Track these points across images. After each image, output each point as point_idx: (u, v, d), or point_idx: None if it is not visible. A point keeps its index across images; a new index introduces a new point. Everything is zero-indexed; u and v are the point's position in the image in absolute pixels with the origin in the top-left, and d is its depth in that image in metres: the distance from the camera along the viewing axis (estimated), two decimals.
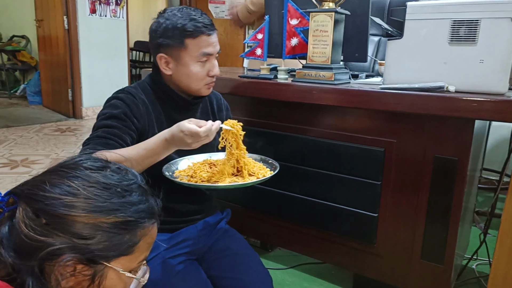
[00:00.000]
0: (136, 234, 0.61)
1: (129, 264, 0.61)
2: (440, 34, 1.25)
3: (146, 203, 0.63)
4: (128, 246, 0.60)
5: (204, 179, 1.09)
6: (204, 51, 1.16)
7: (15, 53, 6.25)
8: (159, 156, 1.02)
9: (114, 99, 1.15)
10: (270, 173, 1.14)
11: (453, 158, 1.29)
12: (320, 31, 1.44)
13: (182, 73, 1.17)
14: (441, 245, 1.35)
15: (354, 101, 1.36)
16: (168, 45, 1.15)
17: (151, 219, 0.64)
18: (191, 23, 1.13)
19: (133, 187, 0.63)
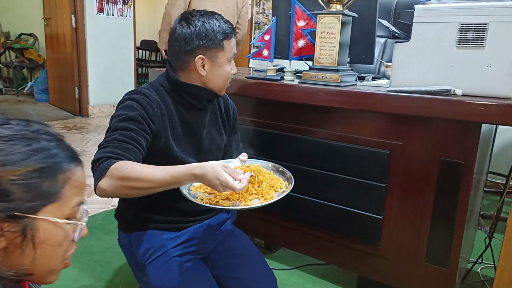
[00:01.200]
0: (57, 180, 0.58)
1: (60, 211, 0.59)
2: (447, 37, 1.25)
3: (59, 148, 0.60)
4: (51, 194, 0.57)
5: (224, 197, 1.06)
6: (234, 51, 1.23)
7: (22, 50, 6.31)
8: (181, 184, 1.01)
9: (129, 100, 1.15)
10: (285, 184, 1.11)
11: (459, 161, 1.29)
12: (327, 33, 1.44)
13: (217, 74, 1.21)
14: (446, 248, 1.35)
15: (360, 103, 1.36)
16: (208, 47, 1.18)
17: (71, 162, 0.61)
18: (226, 26, 1.20)
19: (40, 135, 0.60)
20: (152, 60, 8.19)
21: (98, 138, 3.88)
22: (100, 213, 2.26)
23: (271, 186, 1.08)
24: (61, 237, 0.60)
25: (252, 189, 1.07)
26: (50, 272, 0.61)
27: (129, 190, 1.00)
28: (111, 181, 1.01)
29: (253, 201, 1.04)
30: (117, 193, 1.03)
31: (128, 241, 1.27)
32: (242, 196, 1.05)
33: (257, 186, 1.07)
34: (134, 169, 0.99)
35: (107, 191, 1.02)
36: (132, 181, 0.98)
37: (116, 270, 1.71)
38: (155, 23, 9.11)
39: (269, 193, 1.06)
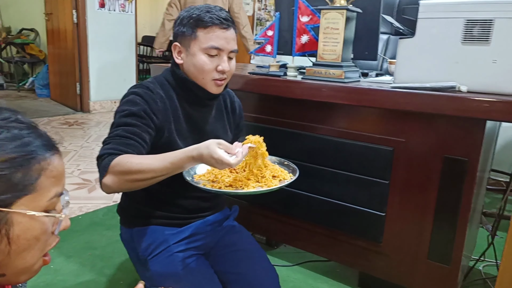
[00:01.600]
0: (31, 170, 0.54)
1: (37, 204, 0.55)
2: (452, 33, 1.24)
3: (32, 136, 0.56)
4: (25, 185, 0.53)
5: (227, 184, 1.06)
6: (213, 44, 1.14)
7: (24, 46, 6.30)
8: (183, 169, 1.02)
9: (132, 95, 1.14)
10: (290, 176, 1.12)
11: (463, 158, 1.28)
12: (331, 29, 1.43)
13: (190, 63, 1.17)
14: (448, 245, 1.34)
15: (364, 99, 1.35)
16: (182, 34, 1.16)
17: (46, 151, 0.57)
18: (205, 14, 1.14)
19: (10, 122, 0.56)
20: (154, 56, 8.16)
21: (99, 134, 3.88)
22: (101, 209, 2.26)
23: (274, 176, 1.10)
24: (38, 231, 0.56)
25: (255, 178, 1.08)
26: (25, 269, 0.57)
27: (133, 183, 1.01)
28: (114, 177, 1.01)
29: (256, 188, 1.05)
30: (122, 188, 1.04)
31: (130, 236, 1.27)
32: (245, 183, 1.06)
33: (261, 176, 1.08)
34: (134, 162, 0.99)
35: (112, 187, 1.02)
36: (134, 174, 0.99)
37: (118, 265, 1.71)
38: (156, 19, 9.08)
39: (273, 181, 1.07)
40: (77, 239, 1.91)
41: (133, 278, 1.62)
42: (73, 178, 2.72)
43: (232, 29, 1.17)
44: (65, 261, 1.72)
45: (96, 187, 2.59)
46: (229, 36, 1.16)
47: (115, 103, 5.05)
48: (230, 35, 1.17)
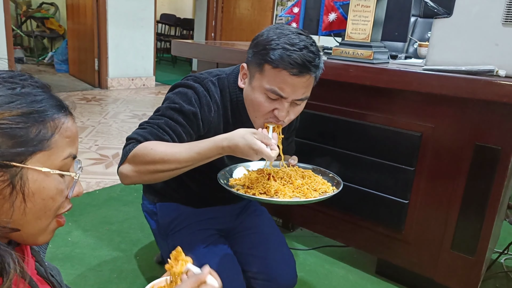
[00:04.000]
0: (46, 127, 0.54)
1: (51, 162, 0.54)
2: (493, 13, 1.17)
3: (45, 95, 0.56)
4: (40, 141, 0.53)
5: (262, 191, 0.99)
6: (275, 88, 0.96)
7: (43, 20, 6.32)
8: (209, 159, 0.94)
9: (191, 90, 1.04)
10: (333, 189, 1.04)
11: (496, 147, 1.22)
12: (361, 6, 1.37)
13: (248, 95, 1.03)
14: (474, 236, 1.30)
15: (394, 81, 1.29)
16: (251, 60, 1.01)
17: (59, 111, 0.56)
18: (281, 51, 0.93)
19: (25, 80, 0.55)
20: (172, 34, 8.12)
21: (116, 111, 3.88)
22: (119, 184, 2.27)
23: (314, 190, 1.02)
24: (53, 190, 0.55)
25: (292, 187, 1.01)
26: (42, 230, 0.57)
27: (153, 175, 0.95)
28: (133, 166, 0.95)
29: (293, 198, 0.97)
30: (142, 179, 0.97)
31: (153, 209, 1.26)
32: (281, 191, 0.99)
33: (296, 187, 1.01)
34: (158, 150, 0.93)
35: (129, 176, 0.97)
36: (157, 163, 0.93)
37: (134, 241, 1.72)
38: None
39: (311, 192, 1.00)
40: (94, 213, 1.92)
41: (149, 254, 1.63)
42: (90, 153, 2.74)
43: (309, 75, 0.96)
44: (83, 235, 1.73)
45: (114, 162, 2.60)
46: (299, 84, 0.96)
47: (132, 80, 5.04)
48: (302, 83, 0.96)
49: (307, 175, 1.07)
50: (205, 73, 1.10)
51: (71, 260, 1.56)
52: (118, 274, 1.50)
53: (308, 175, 1.07)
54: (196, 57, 1.93)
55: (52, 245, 1.62)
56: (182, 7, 8.99)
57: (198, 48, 1.89)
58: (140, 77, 5.13)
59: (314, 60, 0.95)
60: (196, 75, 1.09)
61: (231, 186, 1.03)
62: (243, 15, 5.78)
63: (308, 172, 1.09)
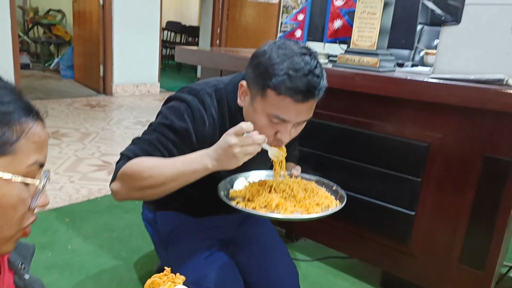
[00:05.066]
0: (11, 130, 0.51)
1: (14, 168, 0.51)
2: (503, 21, 1.14)
3: (13, 97, 0.53)
4: (3, 144, 0.50)
5: (263, 205, 0.96)
6: (279, 114, 0.93)
7: (50, 26, 6.37)
8: (197, 176, 0.91)
9: (184, 104, 1.01)
10: (336, 203, 1.01)
11: (506, 158, 1.18)
12: (367, 13, 1.35)
13: (249, 115, 1.00)
14: (483, 250, 1.26)
15: (401, 90, 1.26)
16: (252, 81, 0.97)
17: (27, 115, 0.53)
18: (285, 78, 0.89)
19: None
20: (177, 42, 8.16)
21: (120, 117, 3.88)
22: None
23: (316, 204, 0.98)
24: (15, 198, 0.52)
25: (294, 201, 0.98)
26: (3, 240, 0.53)
27: (143, 192, 0.94)
28: (123, 183, 0.95)
29: (294, 213, 0.94)
30: (131, 195, 0.97)
31: (153, 218, 1.24)
32: (282, 205, 0.96)
33: (299, 201, 0.98)
34: (146, 167, 0.92)
35: (119, 193, 0.97)
36: (145, 180, 0.92)
37: (135, 249, 1.69)
38: (181, 4, 9.06)
39: (313, 207, 0.96)
40: (95, 220, 1.90)
41: (150, 263, 1.60)
42: (93, 159, 2.72)
43: (313, 100, 0.94)
44: (83, 242, 1.71)
45: None
46: (303, 109, 0.93)
47: (137, 87, 5.05)
48: (306, 107, 0.94)
49: (310, 187, 1.04)
50: (202, 84, 1.07)
51: (70, 268, 1.53)
52: (117, 283, 1.48)
53: (311, 188, 1.04)
54: (200, 64, 1.92)
55: (52, 253, 1.59)
56: (188, 14, 9.04)
57: (202, 55, 1.87)
58: (145, 84, 5.14)
59: (319, 84, 0.92)
60: (192, 87, 1.06)
61: (232, 198, 1.01)
62: (248, 23, 5.80)
63: (311, 185, 1.06)
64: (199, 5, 8.06)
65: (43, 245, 1.62)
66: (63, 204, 2.04)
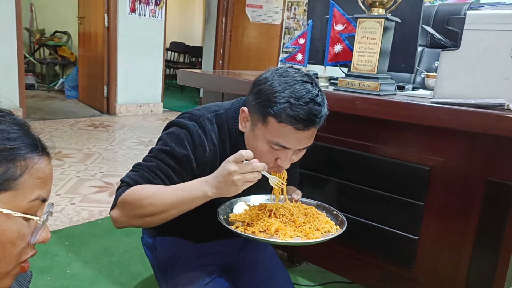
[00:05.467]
0: (15, 166, 0.51)
1: (15, 203, 0.51)
2: (502, 47, 1.15)
3: (19, 133, 0.53)
4: (6, 180, 0.50)
5: (262, 230, 0.96)
6: (279, 142, 0.94)
7: (56, 48, 6.47)
8: (197, 204, 0.92)
9: (184, 130, 1.02)
10: (337, 228, 1.01)
11: (509, 183, 1.17)
12: (367, 38, 1.36)
13: (250, 141, 1.01)
14: (489, 277, 1.23)
15: (401, 114, 1.26)
16: (253, 108, 0.98)
17: (33, 151, 0.53)
18: (287, 106, 0.90)
19: (4, 117, 0.53)
20: (180, 61, 8.27)
21: (123, 137, 3.90)
22: None
23: (316, 229, 0.99)
24: (14, 233, 0.51)
25: (293, 226, 0.98)
26: (1, 275, 0.53)
27: (143, 219, 0.94)
28: (123, 211, 0.96)
29: (294, 238, 0.95)
30: (131, 223, 0.97)
31: (152, 243, 1.22)
32: (281, 230, 0.96)
33: (298, 226, 0.99)
34: (145, 195, 0.92)
35: (119, 221, 0.97)
36: (145, 207, 0.92)
37: (134, 274, 1.67)
38: (185, 25, 9.22)
39: (313, 232, 0.97)
40: (95, 244, 1.88)
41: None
42: (95, 181, 2.72)
43: (314, 127, 0.96)
44: (82, 266, 1.69)
45: None
46: (304, 136, 0.95)
47: (140, 107, 5.09)
48: (307, 135, 0.95)
49: (310, 212, 1.03)
50: (202, 110, 1.08)
51: None
52: None
53: (311, 213, 1.03)
54: (202, 87, 1.93)
55: (50, 278, 1.57)
56: (192, 35, 9.19)
57: (204, 78, 1.89)
58: (148, 104, 5.18)
59: (320, 112, 0.94)
60: (193, 112, 1.06)
61: (231, 222, 1.00)
62: (251, 44, 5.87)
63: (311, 209, 1.05)
64: (203, 26, 8.20)
65: (42, 270, 1.60)
66: (63, 226, 2.02)
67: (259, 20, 5.62)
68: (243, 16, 5.78)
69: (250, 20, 5.72)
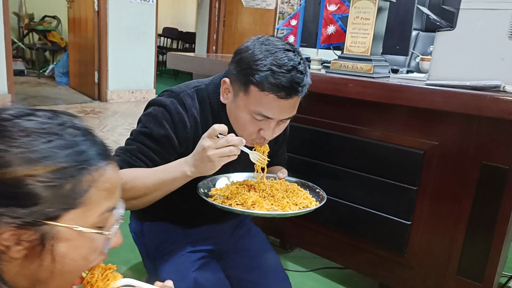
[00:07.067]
0: (81, 182, 0.49)
1: (85, 219, 0.50)
2: (499, 27, 1.12)
3: (86, 145, 0.51)
4: (74, 198, 0.49)
5: (240, 202, 0.95)
6: (261, 111, 0.91)
7: (46, 33, 6.33)
8: (178, 184, 0.91)
9: (162, 109, 0.99)
10: (315, 205, 1.00)
11: (504, 166, 1.15)
12: (361, 19, 1.32)
13: (233, 112, 0.98)
14: (481, 261, 1.22)
15: (395, 97, 1.23)
16: (234, 78, 0.95)
17: (99, 161, 0.52)
18: (268, 74, 0.87)
19: (66, 129, 0.51)
20: (174, 48, 8.15)
21: (115, 124, 3.84)
22: None
23: (295, 204, 0.98)
24: (86, 249, 0.51)
25: (272, 200, 0.97)
26: (63, 287, 0.52)
27: (127, 203, 0.90)
28: None
29: (270, 211, 0.94)
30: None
31: (140, 230, 1.20)
32: (258, 203, 0.95)
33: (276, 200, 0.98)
34: (127, 178, 0.90)
35: None
36: (128, 191, 0.90)
37: (124, 262, 1.64)
38: (178, 11, 9.07)
39: (290, 206, 0.96)
40: None
41: (139, 276, 1.55)
42: None
43: (297, 96, 0.93)
44: None
45: None
46: (286, 105, 0.92)
47: (132, 93, 5.02)
48: (289, 104, 0.92)
49: (291, 188, 1.03)
50: (182, 86, 1.06)
51: None
52: None
53: (292, 189, 1.02)
54: (192, 71, 1.89)
55: None
56: (185, 21, 9.04)
57: (194, 61, 1.85)
58: (141, 90, 5.10)
59: (302, 80, 0.91)
60: (172, 89, 1.04)
61: (211, 196, 0.99)
62: (245, 29, 5.78)
63: (293, 186, 1.05)
64: (196, 12, 8.07)
65: None
66: None
67: (253, 5, 5.53)
68: (237, 1, 5.67)
69: (244, 5, 5.61)
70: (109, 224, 0.54)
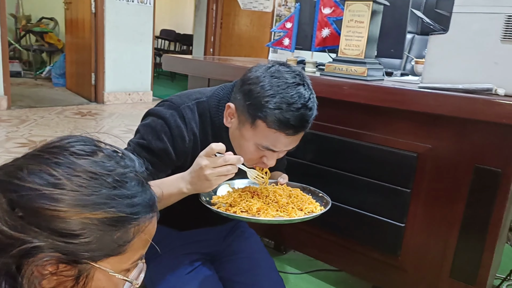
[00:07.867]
0: (129, 231, 0.52)
1: (120, 265, 0.52)
2: (492, 30, 1.12)
3: (142, 195, 0.54)
4: (119, 245, 0.51)
5: (244, 210, 0.95)
6: (268, 145, 0.92)
7: (43, 34, 6.33)
8: (175, 199, 0.92)
9: (161, 121, 0.97)
10: (320, 209, 0.99)
11: (496, 169, 1.16)
12: (355, 22, 1.32)
13: (236, 138, 0.98)
14: (474, 263, 1.22)
15: (388, 99, 1.24)
16: (241, 108, 0.93)
17: (148, 213, 0.54)
18: (278, 113, 0.87)
19: (128, 176, 0.53)
20: (171, 50, 8.15)
21: (111, 125, 3.83)
22: None
23: (300, 209, 0.98)
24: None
25: (276, 206, 0.97)
26: None
27: None
28: None
29: (276, 217, 0.94)
30: None
31: None
32: (263, 210, 0.94)
33: (281, 206, 0.97)
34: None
35: None
36: None
37: None
38: (175, 12, 9.07)
39: (296, 212, 0.95)
40: None
41: None
42: None
43: (303, 131, 0.94)
44: None
45: None
46: (293, 140, 0.94)
47: (129, 95, 5.01)
48: (296, 138, 0.94)
49: (294, 194, 1.02)
50: (183, 97, 1.03)
51: None
52: None
53: (295, 194, 1.02)
54: (187, 73, 1.89)
55: None
56: (183, 23, 9.04)
57: (189, 64, 1.84)
58: (137, 92, 5.10)
59: (311, 117, 0.93)
60: (173, 100, 1.02)
61: (213, 204, 0.98)
62: (242, 31, 5.79)
63: (296, 191, 1.04)
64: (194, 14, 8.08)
65: None
66: None
67: (250, 7, 5.54)
68: (234, 3, 5.68)
69: (241, 7, 5.63)
70: (136, 270, 0.57)
